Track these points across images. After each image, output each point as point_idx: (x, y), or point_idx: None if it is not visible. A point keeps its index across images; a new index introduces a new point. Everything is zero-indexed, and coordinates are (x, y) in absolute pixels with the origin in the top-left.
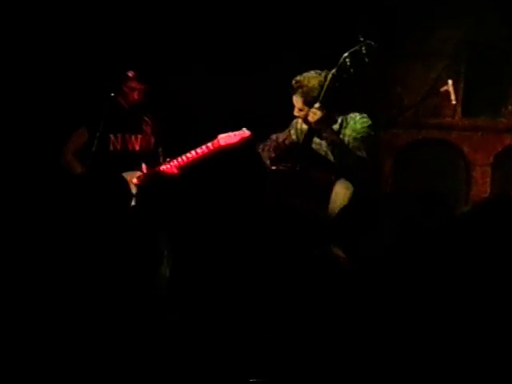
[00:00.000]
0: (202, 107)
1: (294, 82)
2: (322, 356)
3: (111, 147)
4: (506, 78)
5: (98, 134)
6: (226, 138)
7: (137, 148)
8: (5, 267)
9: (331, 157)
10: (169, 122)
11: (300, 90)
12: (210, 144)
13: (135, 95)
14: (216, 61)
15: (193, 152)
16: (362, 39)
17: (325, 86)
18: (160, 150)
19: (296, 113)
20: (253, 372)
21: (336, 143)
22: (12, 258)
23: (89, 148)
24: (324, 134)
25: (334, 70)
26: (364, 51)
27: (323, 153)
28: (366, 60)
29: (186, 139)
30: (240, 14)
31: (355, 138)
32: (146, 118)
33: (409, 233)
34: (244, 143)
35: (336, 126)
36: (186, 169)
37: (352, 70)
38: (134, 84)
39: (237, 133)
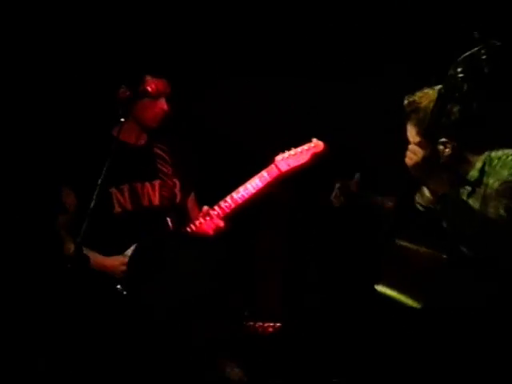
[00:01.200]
0: (246, 122)
1: (406, 102)
2: None
3: (117, 207)
4: None
5: (95, 194)
6: (287, 160)
7: (155, 201)
8: None
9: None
10: (197, 149)
11: (414, 116)
12: (264, 173)
13: (164, 105)
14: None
15: (241, 190)
16: (478, 36)
17: (429, 111)
18: (191, 196)
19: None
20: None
21: (451, 200)
22: None
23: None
24: (431, 186)
25: (440, 87)
26: (483, 56)
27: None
28: (486, 70)
29: (228, 172)
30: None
31: (496, 191)
32: (160, 152)
33: None
34: (317, 163)
35: (474, 173)
36: (234, 218)
37: (466, 86)
38: (162, 87)
39: (304, 147)
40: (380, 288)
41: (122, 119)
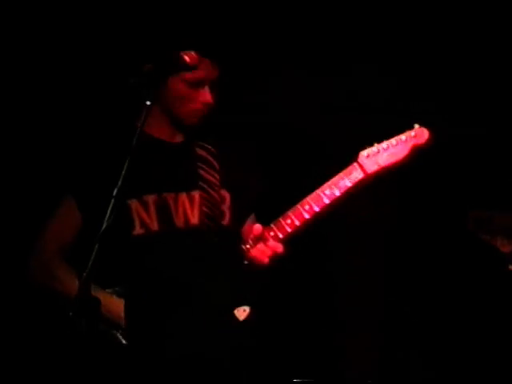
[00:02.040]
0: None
1: None
2: None
3: (138, 228)
4: None
5: (110, 208)
6: (377, 156)
7: (194, 220)
8: None
9: None
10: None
11: None
12: (343, 176)
13: (208, 96)
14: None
15: (309, 201)
16: None
17: None
18: (250, 219)
19: None
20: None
21: None
22: None
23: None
24: None
25: None
26: None
27: None
28: None
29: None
30: None
31: None
32: (204, 153)
33: None
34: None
35: None
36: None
37: None
38: (206, 68)
39: (401, 138)
40: None
41: (148, 102)
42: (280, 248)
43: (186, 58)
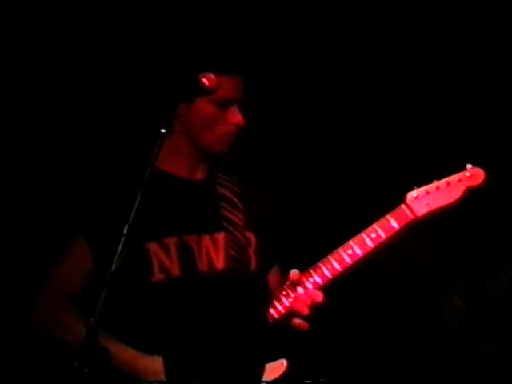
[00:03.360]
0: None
1: None
2: None
3: (158, 273)
4: None
5: (120, 251)
6: (427, 198)
7: (219, 265)
8: None
9: None
10: (280, 188)
11: None
12: (390, 219)
13: (239, 117)
14: None
15: (352, 246)
16: None
17: None
18: (274, 268)
19: None
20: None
21: None
22: None
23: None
24: None
25: None
26: None
27: None
28: None
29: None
30: None
31: None
32: (227, 192)
33: None
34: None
35: None
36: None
37: None
38: (232, 87)
39: (454, 178)
40: None
41: (163, 130)
42: (320, 297)
43: (205, 81)
